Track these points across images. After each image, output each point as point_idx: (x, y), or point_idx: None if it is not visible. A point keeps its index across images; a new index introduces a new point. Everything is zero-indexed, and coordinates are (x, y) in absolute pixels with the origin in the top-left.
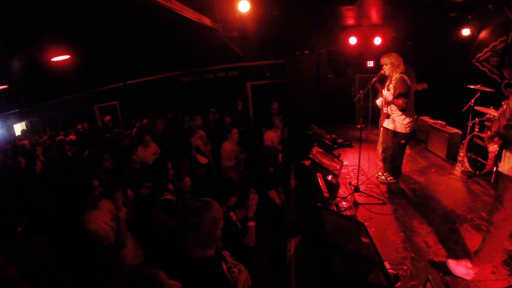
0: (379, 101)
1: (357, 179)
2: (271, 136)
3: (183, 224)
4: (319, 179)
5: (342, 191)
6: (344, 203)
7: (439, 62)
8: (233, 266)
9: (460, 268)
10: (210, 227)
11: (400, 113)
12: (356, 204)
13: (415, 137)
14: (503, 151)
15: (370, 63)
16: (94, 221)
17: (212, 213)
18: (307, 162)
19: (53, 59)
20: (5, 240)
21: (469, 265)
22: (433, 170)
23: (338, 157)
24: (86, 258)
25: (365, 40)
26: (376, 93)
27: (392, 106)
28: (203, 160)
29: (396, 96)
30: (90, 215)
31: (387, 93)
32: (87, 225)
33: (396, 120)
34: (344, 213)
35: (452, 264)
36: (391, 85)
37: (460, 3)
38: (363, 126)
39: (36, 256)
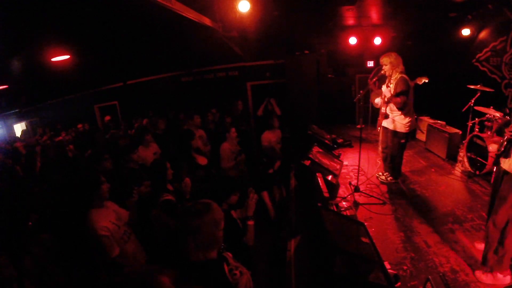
0: (378, 100)
1: (357, 179)
2: (269, 137)
3: (183, 227)
4: (319, 179)
5: (342, 191)
6: (344, 203)
7: (439, 62)
8: (235, 268)
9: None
10: (211, 229)
11: (400, 112)
12: (356, 204)
13: (414, 137)
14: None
15: (370, 63)
16: (101, 220)
17: (212, 215)
18: (307, 162)
19: (53, 59)
20: (13, 236)
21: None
22: (433, 170)
23: (338, 157)
24: (87, 256)
25: (365, 40)
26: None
27: (392, 106)
28: (202, 161)
29: (396, 94)
30: (96, 214)
31: (385, 90)
32: (93, 224)
33: (396, 120)
34: (344, 213)
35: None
36: (391, 85)
37: (460, 3)
38: (363, 126)
39: (42, 250)
